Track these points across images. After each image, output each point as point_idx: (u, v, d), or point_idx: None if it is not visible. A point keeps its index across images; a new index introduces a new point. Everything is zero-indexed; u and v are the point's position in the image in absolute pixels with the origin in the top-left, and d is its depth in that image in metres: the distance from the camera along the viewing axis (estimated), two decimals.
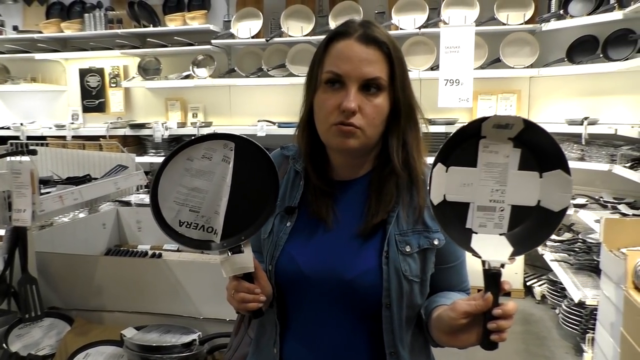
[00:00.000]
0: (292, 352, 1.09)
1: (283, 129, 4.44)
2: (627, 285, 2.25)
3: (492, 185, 0.90)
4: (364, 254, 1.04)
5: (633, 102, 3.76)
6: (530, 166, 0.90)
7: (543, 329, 3.58)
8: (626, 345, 2.23)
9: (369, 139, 1.03)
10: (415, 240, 1.04)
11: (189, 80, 4.78)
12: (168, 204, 0.96)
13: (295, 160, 1.14)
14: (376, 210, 1.04)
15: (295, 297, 1.08)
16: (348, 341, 1.05)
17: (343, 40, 1.02)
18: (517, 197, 0.90)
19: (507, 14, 4.05)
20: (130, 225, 2.83)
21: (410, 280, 1.03)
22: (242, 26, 4.53)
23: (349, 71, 1.00)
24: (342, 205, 1.09)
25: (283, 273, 1.07)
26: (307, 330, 1.08)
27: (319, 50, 1.06)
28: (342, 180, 1.11)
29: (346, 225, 1.07)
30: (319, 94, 1.04)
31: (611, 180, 3.71)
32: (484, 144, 0.89)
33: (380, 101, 1.01)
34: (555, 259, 3.62)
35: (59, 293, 2.05)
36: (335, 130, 1.01)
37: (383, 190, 1.05)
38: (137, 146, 4.97)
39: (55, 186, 2.01)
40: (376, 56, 1.01)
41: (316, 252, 1.06)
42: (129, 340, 1.77)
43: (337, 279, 1.03)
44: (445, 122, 4.20)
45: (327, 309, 1.05)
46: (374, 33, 1.02)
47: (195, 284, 1.93)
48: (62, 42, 5.22)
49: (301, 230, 1.08)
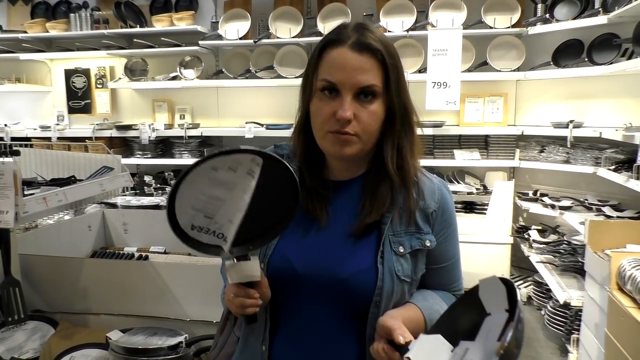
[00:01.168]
0: (280, 349, 1.10)
1: (271, 130, 4.43)
2: (611, 286, 2.27)
3: None
4: (358, 254, 1.05)
5: (617, 105, 3.81)
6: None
7: (529, 330, 3.61)
8: (610, 346, 2.25)
9: (365, 144, 1.04)
10: (408, 241, 1.06)
11: (177, 82, 4.75)
12: (184, 209, 0.95)
13: (290, 159, 1.14)
14: (370, 211, 1.06)
15: (286, 295, 1.08)
16: (337, 338, 1.06)
17: (336, 48, 1.02)
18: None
19: (494, 17, 4.09)
20: (116, 227, 2.81)
21: (402, 280, 1.05)
22: (230, 27, 4.52)
23: (342, 80, 1.00)
24: (336, 205, 1.10)
25: (275, 271, 1.07)
26: (295, 327, 1.08)
27: (313, 56, 1.06)
28: (337, 180, 1.12)
29: (340, 225, 1.08)
30: (315, 101, 1.05)
31: (596, 183, 3.75)
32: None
33: (375, 107, 1.02)
34: (541, 261, 3.65)
35: (43, 296, 2.03)
36: (332, 137, 1.02)
37: (378, 191, 1.07)
38: (123, 148, 4.93)
39: (40, 187, 1.99)
40: (370, 64, 1.01)
41: (309, 251, 1.07)
42: (115, 343, 1.75)
43: (331, 277, 1.04)
44: (433, 125, 4.23)
45: (318, 306, 1.06)
46: (368, 40, 1.01)
47: (182, 286, 1.92)
48: (47, 42, 5.17)
49: (294, 228, 1.08)
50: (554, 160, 3.95)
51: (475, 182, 4.47)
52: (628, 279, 2.14)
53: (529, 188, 4.34)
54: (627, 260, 2.23)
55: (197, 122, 4.93)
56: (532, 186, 4.35)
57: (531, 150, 4.15)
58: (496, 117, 4.36)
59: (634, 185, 2.73)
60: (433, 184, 1.12)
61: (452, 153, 4.31)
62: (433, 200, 1.10)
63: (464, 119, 4.40)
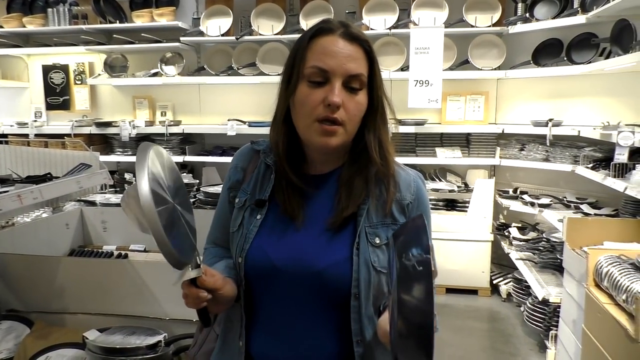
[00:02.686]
0: (259, 344, 1.10)
1: (253, 128, 4.41)
2: (588, 282, 2.31)
3: None
4: (334, 246, 1.06)
5: (595, 104, 3.87)
6: None
7: (508, 326, 3.65)
8: (587, 342, 2.28)
9: (349, 135, 1.06)
10: (384, 232, 1.07)
11: (157, 78, 4.70)
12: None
13: (266, 154, 1.15)
14: (346, 204, 1.07)
15: (264, 289, 1.09)
16: (316, 331, 1.07)
17: (327, 36, 1.04)
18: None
19: (475, 16, 4.12)
20: (95, 225, 2.77)
21: (378, 271, 1.06)
22: (212, 24, 4.48)
23: (334, 66, 1.01)
24: (313, 198, 1.10)
25: (253, 265, 1.07)
26: (274, 321, 1.09)
27: (300, 46, 1.06)
28: (315, 174, 1.12)
29: (317, 218, 1.08)
30: (301, 89, 1.04)
31: (574, 181, 3.80)
32: None
33: (360, 98, 1.05)
34: (521, 258, 3.69)
35: (19, 295, 1.99)
36: (318, 127, 1.03)
37: (353, 184, 1.08)
38: (103, 145, 4.86)
39: (14, 185, 1.95)
40: (359, 53, 1.04)
41: (287, 244, 1.07)
42: (92, 342, 1.73)
43: (308, 270, 1.04)
44: (415, 123, 4.25)
45: (296, 299, 1.06)
46: (355, 31, 1.05)
47: (161, 285, 1.90)
48: (24, 38, 5.07)
49: (271, 222, 1.09)
50: (534, 159, 3.99)
51: (457, 180, 4.50)
52: (605, 276, 2.17)
53: (509, 186, 4.39)
54: (604, 257, 2.26)
55: (179, 119, 4.88)
56: (513, 184, 4.40)
57: (511, 149, 4.20)
58: (477, 116, 4.40)
59: (611, 183, 2.77)
60: (409, 176, 1.14)
61: (434, 151, 4.33)
62: (409, 192, 1.12)
63: (446, 117, 4.42)
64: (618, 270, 2.11)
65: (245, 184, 1.15)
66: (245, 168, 1.17)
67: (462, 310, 3.91)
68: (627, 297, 1.96)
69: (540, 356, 3.21)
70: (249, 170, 1.16)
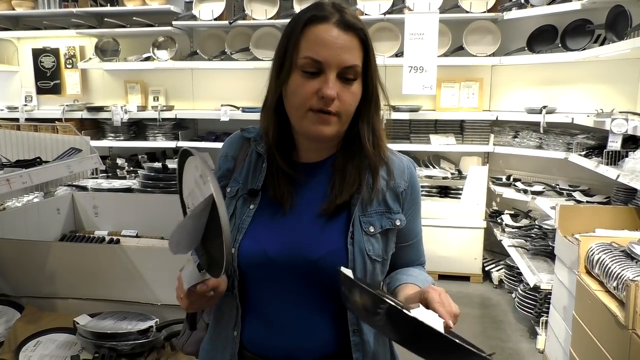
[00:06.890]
0: (253, 333, 1.09)
1: (247, 113, 4.38)
2: (579, 270, 2.32)
3: None
4: (329, 235, 1.05)
5: (589, 91, 3.87)
6: None
7: (500, 313, 3.68)
8: (578, 328, 2.30)
9: (343, 125, 1.04)
10: (378, 221, 1.07)
11: (150, 63, 4.65)
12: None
13: (257, 143, 1.13)
14: (340, 191, 1.06)
15: (258, 279, 1.07)
16: (311, 320, 1.06)
17: (321, 25, 1.00)
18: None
19: (470, 2, 4.09)
20: (86, 210, 2.75)
21: (373, 259, 1.05)
22: (204, 8, 4.42)
23: (328, 58, 0.98)
24: (306, 187, 1.09)
25: (246, 255, 1.06)
26: (269, 311, 1.08)
27: (293, 32, 1.03)
28: (307, 162, 1.11)
29: (310, 207, 1.07)
30: (294, 78, 1.02)
31: (567, 168, 3.81)
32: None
33: (355, 88, 1.02)
34: (513, 245, 3.71)
35: (9, 280, 1.97)
36: (313, 116, 1.01)
37: (346, 171, 1.07)
38: (95, 130, 4.82)
39: (3, 169, 1.92)
40: (353, 43, 1.01)
41: (281, 234, 1.06)
42: (83, 327, 1.72)
43: (303, 259, 1.03)
44: (409, 109, 4.23)
45: (291, 289, 1.05)
46: (351, 18, 1.01)
47: (153, 270, 1.89)
48: (13, 21, 4.99)
49: (265, 212, 1.08)
50: (527, 146, 4.00)
51: (451, 167, 4.50)
52: (596, 263, 2.18)
53: (502, 173, 4.39)
54: (595, 245, 2.28)
55: (171, 104, 4.85)
56: (506, 171, 4.41)
57: (505, 136, 4.20)
58: (471, 103, 4.39)
59: (603, 170, 2.78)
60: (402, 162, 1.13)
61: (427, 138, 4.33)
62: (403, 179, 1.11)
63: (440, 104, 4.41)
64: (609, 258, 2.12)
65: (237, 173, 1.13)
66: (236, 156, 1.15)
67: (454, 296, 3.86)
68: (618, 284, 1.97)
69: (530, 342, 3.24)
70: (240, 159, 1.14)
